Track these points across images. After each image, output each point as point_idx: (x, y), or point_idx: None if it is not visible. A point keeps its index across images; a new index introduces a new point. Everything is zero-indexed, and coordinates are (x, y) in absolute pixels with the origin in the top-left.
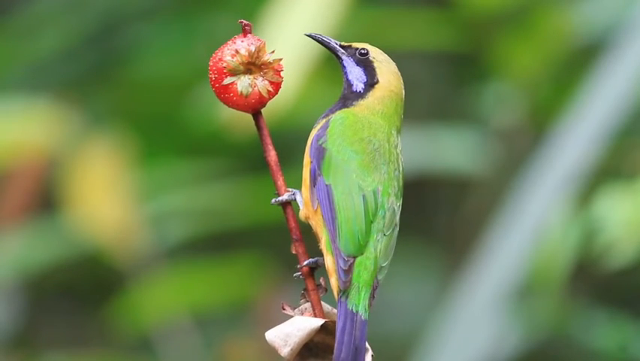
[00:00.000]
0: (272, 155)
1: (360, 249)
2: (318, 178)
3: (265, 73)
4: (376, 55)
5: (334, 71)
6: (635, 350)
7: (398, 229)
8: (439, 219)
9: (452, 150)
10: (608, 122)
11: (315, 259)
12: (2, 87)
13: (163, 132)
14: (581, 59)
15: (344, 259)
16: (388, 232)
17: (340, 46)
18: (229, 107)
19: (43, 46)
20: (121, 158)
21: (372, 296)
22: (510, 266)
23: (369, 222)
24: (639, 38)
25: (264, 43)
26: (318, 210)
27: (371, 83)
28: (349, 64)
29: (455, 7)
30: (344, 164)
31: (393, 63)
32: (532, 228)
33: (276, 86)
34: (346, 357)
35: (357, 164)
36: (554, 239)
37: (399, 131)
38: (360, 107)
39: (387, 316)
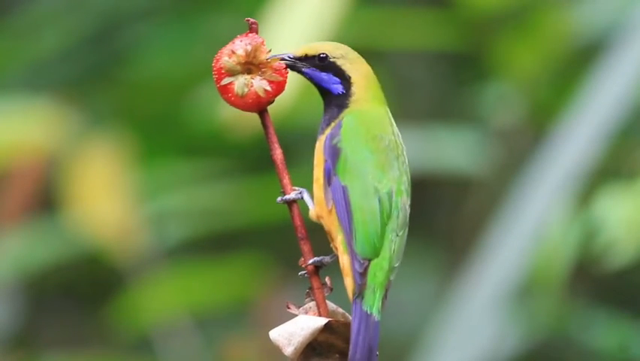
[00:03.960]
0: (278, 153)
1: (376, 251)
2: (334, 178)
3: (264, 72)
4: (333, 53)
5: None
6: (635, 350)
7: (407, 228)
8: (439, 219)
9: (452, 150)
10: (608, 122)
11: (321, 258)
12: (2, 87)
13: (163, 132)
14: (581, 59)
15: (360, 262)
16: (401, 233)
17: (296, 58)
18: (231, 106)
19: (43, 46)
20: (121, 158)
21: (384, 297)
22: (510, 266)
23: (384, 225)
24: (639, 38)
25: (262, 42)
26: (333, 210)
27: (346, 80)
28: (315, 74)
29: (455, 7)
30: (360, 164)
31: (350, 49)
32: (532, 228)
33: (277, 85)
34: (361, 359)
35: (373, 164)
36: (554, 239)
37: (389, 117)
38: (357, 103)
39: (388, 315)
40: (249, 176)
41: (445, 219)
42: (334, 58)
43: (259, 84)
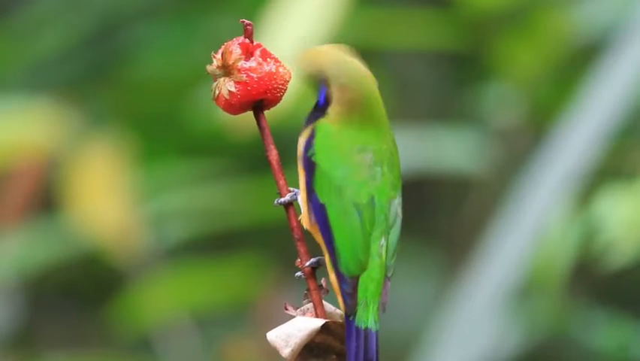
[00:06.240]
0: (273, 154)
1: (363, 266)
2: (312, 195)
3: (232, 74)
4: (329, 70)
5: None
6: (635, 350)
7: (402, 218)
8: (439, 219)
9: (452, 150)
10: (608, 122)
11: (317, 258)
12: (2, 87)
13: (163, 132)
14: (581, 59)
15: (347, 282)
16: (392, 230)
17: None
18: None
19: (43, 46)
20: (121, 158)
21: (384, 295)
22: (510, 266)
23: (368, 236)
24: (639, 38)
25: (229, 45)
26: (317, 227)
27: (328, 97)
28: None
29: (455, 7)
30: (336, 181)
31: (356, 69)
32: (532, 228)
33: (244, 85)
34: None
35: (350, 179)
36: (554, 239)
37: (383, 130)
38: (329, 119)
39: (388, 316)
40: (249, 176)
41: (445, 219)
42: (327, 77)
43: (225, 86)
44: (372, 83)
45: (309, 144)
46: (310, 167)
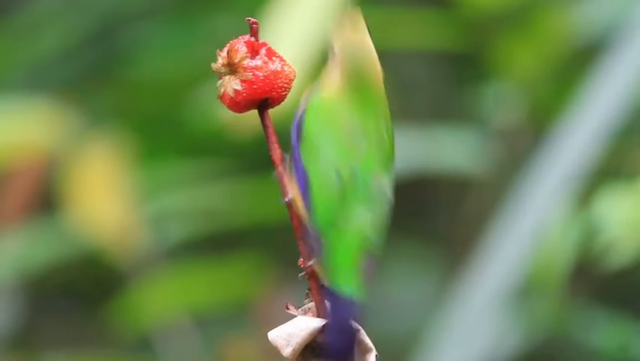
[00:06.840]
0: (277, 153)
1: (333, 223)
2: (298, 163)
3: (237, 72)
4: (337, 41)
5: None
6: (635, 350)
7: (390, 203)
8: (439, 219)
9: (452, 150)
10: (608, 122)
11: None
12: (2, 87)
13: (163, 132)
14: (581, 59)
15: (315, 237)
16: (377, 207)
17: None
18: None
19: (43, 46)
20: (121, 158)
21: (370, 270)
22: (510, 266)
23: (344, 196)
24: (639, 38)
25: (235, 43)
26: (299, 197)
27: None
28: None
29: (455, 7)
30: (320, 148)
31: (361, 49)
32: (532, 228)
33: (249, 83)
34: (333, 340)
35: (334, 147)
36: (554, 239)
37: (375, 109)
38: (322, 87)
39: (387, 316)
40: (249, 176)
41: (445, 219)
42: (333, 44)
43: (230, 84)
44: (372, 65)
45: (301, 116)
46: (298, 136)
